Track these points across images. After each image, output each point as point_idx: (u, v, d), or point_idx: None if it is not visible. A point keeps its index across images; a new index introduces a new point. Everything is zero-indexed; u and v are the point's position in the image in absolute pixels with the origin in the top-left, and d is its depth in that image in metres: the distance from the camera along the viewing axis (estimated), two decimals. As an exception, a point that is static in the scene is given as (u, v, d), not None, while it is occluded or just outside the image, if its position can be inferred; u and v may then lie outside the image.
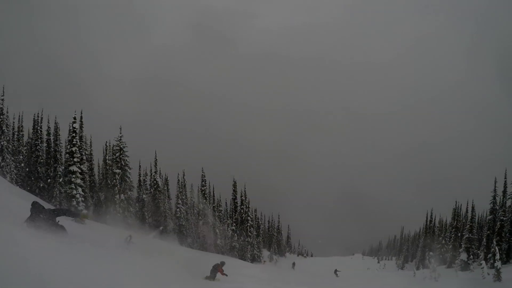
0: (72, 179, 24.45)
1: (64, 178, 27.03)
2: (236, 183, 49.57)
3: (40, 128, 36.27)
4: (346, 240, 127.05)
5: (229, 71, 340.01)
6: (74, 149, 25.33)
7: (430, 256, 37.80)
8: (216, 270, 19.56)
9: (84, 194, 27.39)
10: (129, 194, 34.24)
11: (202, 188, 45.60)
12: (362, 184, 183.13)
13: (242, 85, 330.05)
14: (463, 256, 40.93)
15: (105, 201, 34.00)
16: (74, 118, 25.79)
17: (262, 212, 72.99)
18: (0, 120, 29.92)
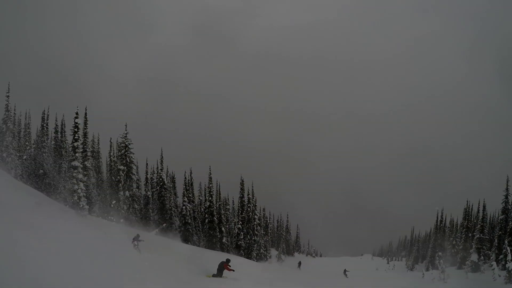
0: (74, 174, 24.36)
1: (67, 173, 27.06)
2: (243, 182, 49.16)
3: (46, 126, 36.86)
4: (355, 240, 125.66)
5: (229, 70, 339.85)
6: (76, 144, 25.26)
7: (440, 257, 37.02)
8: (222, 267, 19.92)
9: (86, 189, 27.32)
10: (134, 191, 34.32)
11: (209, 186, 45.36)
12: (367, 184, 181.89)
13: (242, 84, 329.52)
14: (474, 257, 39.87)
15: (110, 197, 34.13)
16: (76, 114, 25.75)
17: (271, 211, 72.74)
18: (5, 117, 30.14)
